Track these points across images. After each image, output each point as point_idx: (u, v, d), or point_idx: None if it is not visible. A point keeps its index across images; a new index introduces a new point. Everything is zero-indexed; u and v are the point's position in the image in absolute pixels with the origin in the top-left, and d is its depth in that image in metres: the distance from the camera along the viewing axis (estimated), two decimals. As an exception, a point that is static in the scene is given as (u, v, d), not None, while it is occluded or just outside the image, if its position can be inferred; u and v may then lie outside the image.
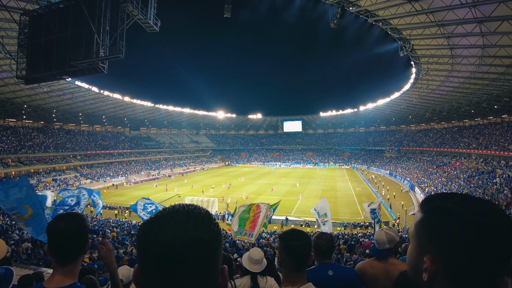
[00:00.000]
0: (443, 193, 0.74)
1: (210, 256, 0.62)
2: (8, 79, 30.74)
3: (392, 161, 62.81)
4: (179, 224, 0.61)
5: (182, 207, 0.67)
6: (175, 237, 0.59)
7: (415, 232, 0.71)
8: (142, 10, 14.29)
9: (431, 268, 0.64)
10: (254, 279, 2.54)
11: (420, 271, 0.67)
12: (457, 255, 0.62)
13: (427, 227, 0.68)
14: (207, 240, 0.62)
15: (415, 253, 0.70)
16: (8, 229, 15.23)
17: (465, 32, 20.60)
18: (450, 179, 36.38)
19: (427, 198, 0.74)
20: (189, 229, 0.61)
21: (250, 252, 2.57)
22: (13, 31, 20.55)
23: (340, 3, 20.85)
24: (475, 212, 0.64)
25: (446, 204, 0.68)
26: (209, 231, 0.63)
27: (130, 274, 3.41)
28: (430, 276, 0.65)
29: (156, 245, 0.59)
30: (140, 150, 66.41)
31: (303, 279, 1.60)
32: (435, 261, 0.64)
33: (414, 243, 0.71)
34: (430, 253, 0.65)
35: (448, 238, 0.63)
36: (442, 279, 0.64)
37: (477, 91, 35.42)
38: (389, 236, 2.41)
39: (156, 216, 0.65)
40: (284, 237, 1.66)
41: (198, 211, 0.67)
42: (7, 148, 39.78)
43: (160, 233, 0.60)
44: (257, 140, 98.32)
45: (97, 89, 43.64)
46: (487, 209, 0.65)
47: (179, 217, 0.63)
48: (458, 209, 0.65)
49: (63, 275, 1.30)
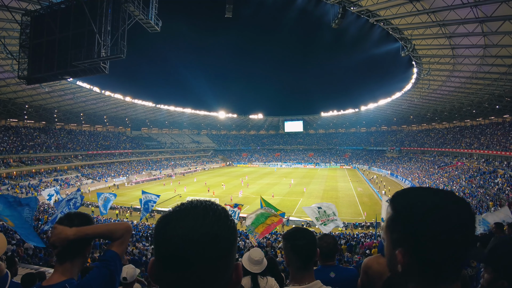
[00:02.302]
0: (409, 188, 0.78)
1: (226, 252, 0.63)
2: (9, 79, 30.83)
3: (394, 161, 62.70)
4: (197, 219, 0.62)
5: (200, 202, 0.68)
6: (192, 232, 0.60)
7: (386, 228, 0.74)
8: (144, 10, 14.33)
9: (403, 261, 0.68)
10: (255, 280, 2.52)
11: (395, 264, 0.70)
12: (425, 248, 0.65)
13: (396, 223, 0.71)
14: (224, 236, 0.63)
15: (389, 247, 0.74)
16: (9, 229, 15.26)
17: (466, 32, 20.54)
18: (452, 179, 36.30)
19: (396, 195, 0.76)
20: (206, 225, 0.62)
21: (250, 253, 2.56)
22: (15, 31, 20.61)
23: (341, 3, 20.81)
24: (439, 205, 0.67)
25: (412, 200, 0.70)
26: (226, 227, 0.64)
27: (135, 273, 3.43)
28: (403, 268, 0.68)
29: (173, 239, 0.60)
30: (141, 150, 66.51)
31: (311, 277, 1.60)
32: (406, 254, 0.68)
33: (387, 238, 0.74)
34: (402, 247, 0.68)
35: (416, 232, 0.66)
36: (414, 271, 0.68)
37: (479, 91, 35.33)
38: None
39: (174, 210, 0.66)
40: (289, 237, 1.66)
41: (215, 207, 0.67)
42: (9, 148, 39.90)
43: (178, 227, 0.61)
44: (258, 140, 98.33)
45: (99, 89, 43.74)
46: (450, 201, 0.68)
47: (196, 212, 0.64)
48: (422, 204, 0.68)
49: (61, 273, 1.32)
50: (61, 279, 1.30)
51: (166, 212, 0.67)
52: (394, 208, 0.72)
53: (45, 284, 1.31)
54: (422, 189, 0.73)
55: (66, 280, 1.30)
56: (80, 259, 1.38)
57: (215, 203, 0.69)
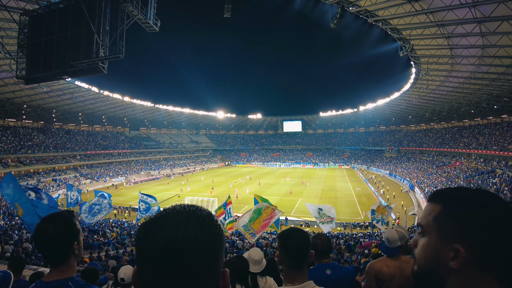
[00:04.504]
0: (451, 187, 0.77)
1: (210, 259, 0.61)
2: (8, 79, 30.73)
3: (392, 161, 62.83)
4: (179, 225, 0.60)
5: (183, 207, 0.66)
6: (174, 239, 0.58)
7: (434, 224, 0.72)
8: (142, 10, 14.28)
9: (465, 255, 0.66)
10: (254, 280, 2.54)
11: (443, 262, 0.69)
12: (483, 241, 0.65)
13: (450, 217, 0.70)
14: (207, 242, 0.60)
15: (436, 245, 0.71)
16: (8, 229, 15.24)
17: (465, 32, 20.59)
18: (450, 179, 36.40)
19: (440, 192, 0.76)
20: (189, 231, 0.59)
21: (250, 253, 2.58)
22: (13, 31, 20.55)
23: (340, 3, 20.84)
24: (492, 198, 0.69)
25: (465, 194, 0.71)
26: (210, 233, 0.62)
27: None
28: (461, 264, 0.66)
29: (154, 246, 0.58)
30: (140, 150, 66.40)
31: (304, 277, 1.60)
32: (467, 249, 0.66)
33: (434, 235, 0.72)
34: (458, 242, 0.67)
35: (475, 225, 0.66)
36: (468, 266, 0.66)
37: (477, 91, 35.43)
38: (400, 233, 2.46)
39: (156, 216, 0.64)
40: (282, 236, 1.68)
41: (199, 212, 0.65)
42: (7, 148, 39.76)
43: (159, 233, 0.59)
44: (257, 140, 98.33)
45: (97, 89, 43.64)
46: (496, 196, 0.70)
47: (179, 218, 0.62)
48: (477, 197, 0.70)
49: (59, 273, 1.33)
50: (62, 276, 1.31)
51: (148, 218, 0.65)
52: (447, 202, 0.72)
53: (46, 280, 1.31)
54: (463, 187, 0.75)
55: (69, 278, 1.31)
56: (73, 257, 1.38)
57: (200, 208, 0.67)
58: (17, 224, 17.73)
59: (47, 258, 1.34)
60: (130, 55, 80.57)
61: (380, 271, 2.40)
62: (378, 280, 2.39)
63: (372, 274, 2.42)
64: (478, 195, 0.70)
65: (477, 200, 0.69)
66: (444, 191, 0.75)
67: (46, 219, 1.37)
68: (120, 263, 8.47)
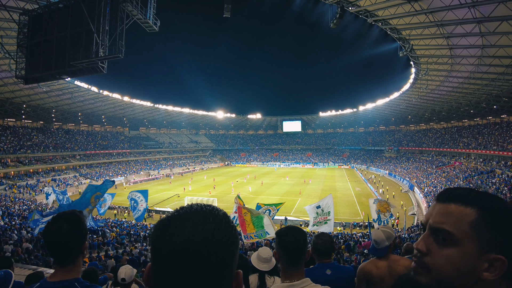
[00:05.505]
0: (468, 188, 0.72)
1: (226, 260, 0.60)
2: (7, 79, 30.68)
3: (392, 161, 62.88)
4: (196, 225, 0.59)
5: (200, 207, 0.65)
6: (191, 239, 0.57)
7: (473, 232, 0.64)
8: (142, 10, 14.28)
9: (504, 266, 0.61)
10: (262, 278, 2.55)
11: (477, 272, 0.63)
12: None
13: (490, 225, 0.64)
14: (224, 243, 0.60)
15: (474, 256, 0.63)
16: (7, 229, 15.22)
17: (464, 32, 20.61)
18: (450, 179, 36.43)
19: (469, 193, 0.69)
20: (206, 231, 0.59)
21: (259, 251, 2.59)
22: (13, 30, 20.52)
23: (339, 3, 20.83)
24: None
25: (500, 202, 0.66)
26: (226, 234, 0.61)
27: (132, 273, 3.42)
28: (500, 275, 0.62)
29: (171, 246, 0.57)
30: (139, 150, 66.37)
31: (301, 275, 1.61)
32: (505, 260, 0.62)
33: (473, 245, 0.64)
34: (498, 252, 0.62)
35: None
36: (502, 277, 0.62)
37: (477, 91, 35.47)
38: (387, 233, 2.47)
39: (172, 215, 0.63)
40: (279, 233, 1.70)
41: (216, 212, 0.64)
42: (6, 148, 39.70)
43: (176, 233, 0.58)
44: (256, 140, 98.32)
45: (97, 89, 43.55)
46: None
47: (196, 218, 0.61)
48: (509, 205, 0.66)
49: (65, 273, 1.34)
50: (67, 277, 1.31)
51: (164, 217, 0.64)
52: (489, 210, 0.65)
53: (51, 280, 1.31)
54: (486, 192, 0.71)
55: (75, 279, 1.31)
56: (81, 257, 1.40)
57: (216, 208, 0.66)
58: (16, 224, 17.73)
59: (57, 256, 1.34)
60: (130, 55, 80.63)
61: (370, 274, 2.40)
62: (368, 282, 2.39)
63: (362, 277, 2.42)
64: (502, 200, 0.67)
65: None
66: (480, 195, 0.68)
67: (60, 217, 1.38)
68: (119, 263, 8.46)
